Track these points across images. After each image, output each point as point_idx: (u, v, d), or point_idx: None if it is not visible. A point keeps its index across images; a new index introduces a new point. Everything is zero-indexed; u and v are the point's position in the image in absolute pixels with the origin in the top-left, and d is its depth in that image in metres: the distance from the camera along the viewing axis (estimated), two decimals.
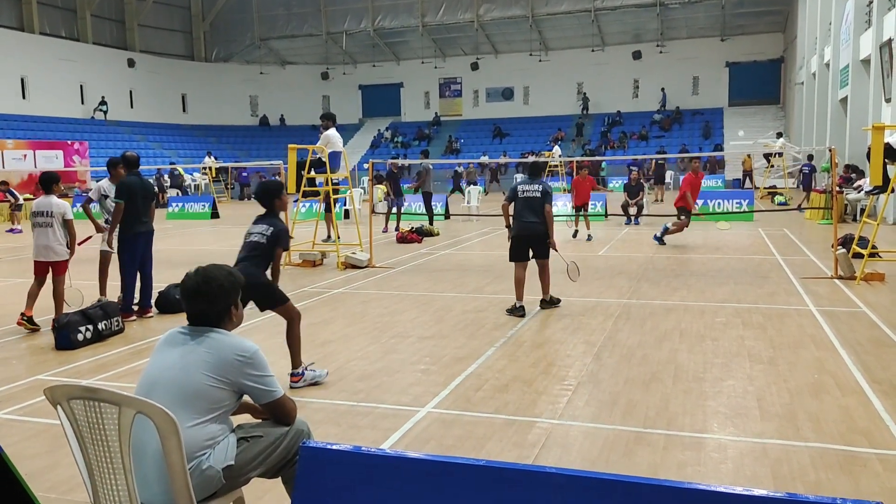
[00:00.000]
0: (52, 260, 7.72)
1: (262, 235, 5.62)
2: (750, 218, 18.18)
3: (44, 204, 7.72)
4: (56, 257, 7.72)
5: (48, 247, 7.68)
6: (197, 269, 3.05)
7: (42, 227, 7.68)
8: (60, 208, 7.72)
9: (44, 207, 7.70)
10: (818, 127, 25.98)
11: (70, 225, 7.76)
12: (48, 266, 7.77)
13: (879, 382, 5.41)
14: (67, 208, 7.82)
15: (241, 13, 44.84)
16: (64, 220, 7.72)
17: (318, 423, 4.81)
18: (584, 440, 4.51)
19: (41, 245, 7.70)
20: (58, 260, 7.74)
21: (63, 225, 7.73)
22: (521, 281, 8.09)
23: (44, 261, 7.73)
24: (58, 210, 7.69)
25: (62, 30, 37.25)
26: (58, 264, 7.78)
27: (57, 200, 7.77)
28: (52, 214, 7.66)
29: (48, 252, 7.70)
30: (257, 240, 5.62)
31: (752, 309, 8.08)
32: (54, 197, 7.79)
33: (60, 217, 7.69)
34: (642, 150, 36.39)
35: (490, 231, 17.14)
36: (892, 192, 9.74)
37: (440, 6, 41.30)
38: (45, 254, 7.70)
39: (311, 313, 8.39)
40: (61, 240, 7.72)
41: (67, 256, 7.82)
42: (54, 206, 7.70)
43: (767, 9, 37.51)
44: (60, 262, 7.77)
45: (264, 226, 5.67)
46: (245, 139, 44.34)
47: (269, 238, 5.59)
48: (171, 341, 3.00)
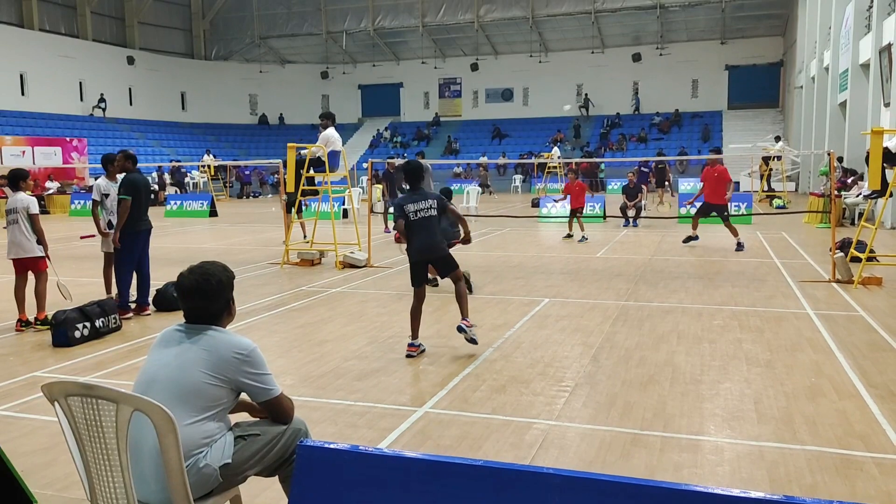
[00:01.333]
0: (21, 257, 7.64)
1: (431, 209, 6.22)
2: (748, 221, 18.20)
3: (11, 201, 7.66)
4: (25, 254, 7.62)
5: (17, 243, 7.61)
6: (191, 267, 3.04)
7: (11, 225, 7.62)
8: (24, 203, 7.62)
9: (12, 204, 7.64)
10: (817, 131, 26.01)
11: (35, 220, 7.63)
12: (24, 263, 7.70)
13: (876, 386, 5.42)
14: (32, 203, 7.68)
15: (241, 12, 44.80)
16: (28, 215, 7.61)
17: (316, 421, 4.81)
18: (581, 441, 4.52)
19: (11, 242, 7.65)
20: (30, 256, 7.64)
21: (28, 220, 7.62)
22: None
23: (17, 258, 7.66)
24: (21, 205, 7.60)
25: (62, 26, 37.20)
26: (32, 261, 7.68)
27: (22, 196, 7.67)
28: (17, 211, 7.60)
29: (18, 249, 7.62)
30: (431, 214, 6.20)
31: (749, 312, 8.09)
32: (21, 193, 7.69)
33: (25, 212, 7.60)
34: (641, 152, 36.42)
35: (489, 231, 17.15)
36: (890, 196, 9.75)
37: (440, 6, 41.30)
38: (15, 251, 7.64)
39: (308, 312, 8.40)
40: (29, 236, 7.61)
41: (39, 253, 7.68)
42: (19, 202, 7.62)
43: (767, 12, 37.56)
44: (34, 258, 7.67)
45: (428, 201, 6.25)
46: (244, 138, 44.31)
47: (438, 208, 6.27)
48: (168, 339, 3.00)
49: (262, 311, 8.46)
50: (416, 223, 6.21)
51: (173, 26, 44.20)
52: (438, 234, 6.27)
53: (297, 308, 8.66)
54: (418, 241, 6.25)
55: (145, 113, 40.47)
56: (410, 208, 6.21)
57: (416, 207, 6.22)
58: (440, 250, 6.30)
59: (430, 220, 6.22)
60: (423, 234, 6.21)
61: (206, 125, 43.94)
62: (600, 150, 37.81)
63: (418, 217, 6.21)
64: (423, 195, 6.31)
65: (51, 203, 27.42)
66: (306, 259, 12.07)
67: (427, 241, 6.22)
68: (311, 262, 12.03)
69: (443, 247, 6.34)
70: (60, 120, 34.98)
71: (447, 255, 6.33)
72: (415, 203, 6.23)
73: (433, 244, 6.25)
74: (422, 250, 6.28)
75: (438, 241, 6.28)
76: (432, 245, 6.25)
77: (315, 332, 7.40)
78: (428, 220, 6.21)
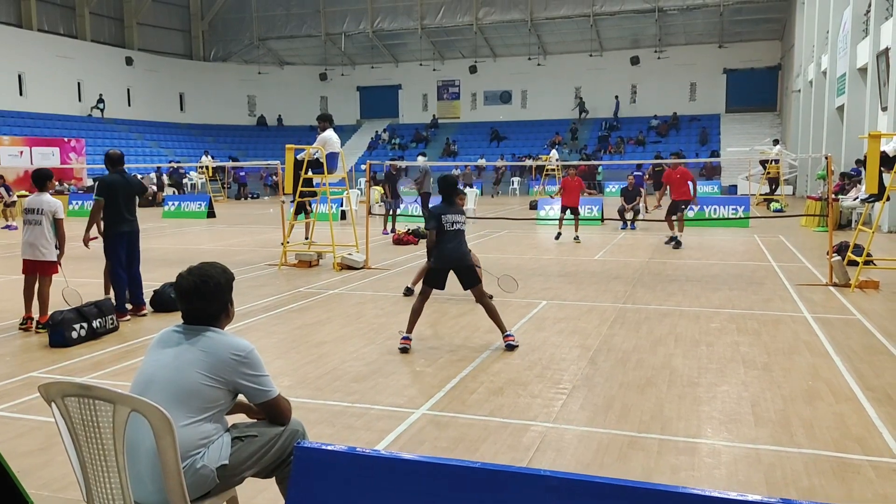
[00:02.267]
0: (37, 259, 7.52)
1: (463, 223, 6.78)
2: (746, 224, 18.23)
3: (35, 201, 7.55)
4: (42, 257, 7.51)
5: (34, 245, 7.48)
6: (190, 268, 3.05)
7: (31, 225, 7.51)
8: (51, 206, 7.53)
9: (35, 205, 7.52)
10: (815, 134, 26.06)
11: (60, 225, 7.55)
12: (35, 265, 7.58)
13: (873, 390, 5.43)
14: (59, 207, 7.61)
15: (240, 13, 44.82)
16: (54, 219, 7.53)
17: (313, 423, 4.80)
18: (578, 444, 4.52)
19: (28, 242, 7.51)
20: (44, 260, 7.53)
21: (53, 224, 7.53)
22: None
23: (30, 259, 7.55)
24: (48, 208, 7.51)
25: (60, 27, 37.19)
26: (44, 265, 7.56)
27: (48, 198, 7.58)
28: (42, 212, 7.49)
29: (34, 250, 7.49)
30: (461, 227, 6.74)
31: (746, 315, 8.10)
32: (46, 195, 7.59)
33: (51, 215, 7.51)
34: (639, 155, 36.48)
35: (487, 234, 17.15)
36: (887, 200, 9.77)
37: (439, 9, 41.35)
38: (31, 252, 7.51)
39: (306, 314, 8.39)
40: (49, 239, 7.51)
41: (54, 258, 7.59)
42: (45, 203, 7.51)
43: (765, 16, 37.65)
44: (47, 262, 7.56)
45: (460, 215, 6.80)
46: (242, 139, 44.31)
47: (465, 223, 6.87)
48: (166, 340, 3.00)
49: (260, 313, 8.45)
50: (451, 233, 6.71)
51: (172, 27, 44.21)
52: (466, 247, 6.82)
53: (294, 309, 8.66)
54: (448, 249, 6.68)
55: (143, 113, 40.45)
56: (448, 219, 6.70)
57: (452, 219, 6.72)
58: (467, 260, 6.77)
59: (460, 232, 6.78)
60: (453, 243, 6.70)
61: (205, 126, 43.93)
62: (598, 152, 37.85)
63: (454, 228, 6.71)
64: (459, 210, 6.89)
65: None
66: (304, 260, 12.07)
67: (457, 250, 6.71)
68: (309, 264, 12.03)
69: (469, 258, 6.84)
70: (58, 120, 34.95)
71: (471, 267, 6.78)
72: (452, 215, 6.76)
73: (462, 254, 6.74)
74: (450, 258, 6.68)
75: (466, 251, 6.79)
76: (462, 255, 6.73)
77: (313, 334, 7.39)
78: (460, 232, 6.76)
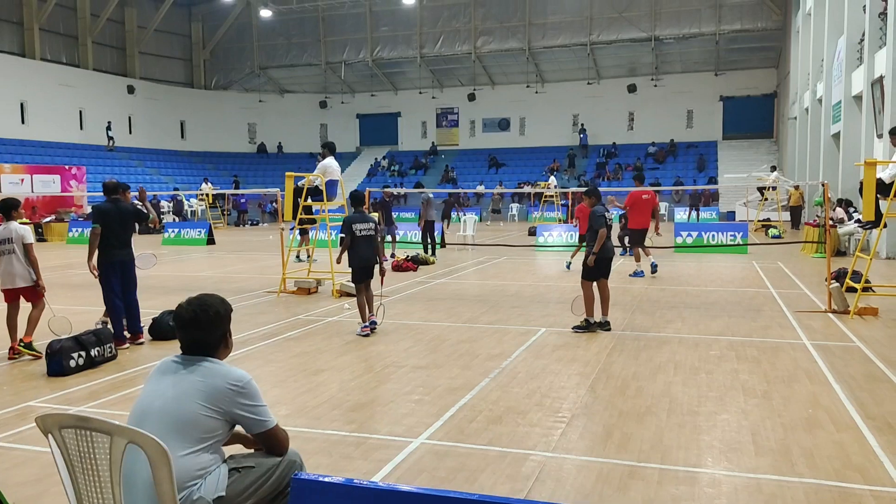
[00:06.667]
0: (17, 286, 7.66)
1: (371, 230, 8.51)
2: (744, 251, 18.26)
3: (4, 231, 7.66)
4: (22, 283, 7.65)
5: (11, 273, 7.62)
6: (189, 299, 3.08)
7: (4, 255, 7.62)
8: (20, 233, 7.64)
9: (4, 235, 7.63)
10: (811, 161, 26.21)
11: (30, 249, 7.65)
12: (17, 293, 7.72)
13: (873, 418, 5.41)
14: (27, 232, 7.72)
15: (241, 42, 45.34)
16: (24, 245, 7.63)
17: (310, 453, 4.77)
18: (577, 473, 4.49)
19: (5, 272, 7.64)
20: (24, 286, 7.67)
21: (23, 250, 7.63)
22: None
23: (10, 288, 7.68)
24: (16, 236, 7.63)
25: (63, 56, 37.56)
26: (27, 291, 7.71)
27: (16, 226, 7.70)
28: (12, 241, 7.60)
29: (13, 279, 7.64)
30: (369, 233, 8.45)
31: (746, 342, 8.08)
32: (14, 223, 7.72)
33: (20, 242, 7.62)
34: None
35: (486, 260, 17.17)
36: (884, 226, 9.81)
37: (438, 38, 41.83)
38: (11, 280, 7.65)
39: (304, 341, 8.37)
40: (25, 265, 7.64)
41: (33, 283, 7.69)
42: (13, 232, 7.64)
43: (760, 45, 38.09)
44: (28, 288, 7.69)
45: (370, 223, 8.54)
46: (243, 166, 44.52)
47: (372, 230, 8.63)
48: (164, 370, 3.01)
49: (259, 340, 8.43)
50: (360, 238, 8.52)
51: (174, 56, 44.67)
52: (372, 250, 8.66)
53: (293, 337, 8.64)
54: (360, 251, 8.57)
55: (144, 141, 40.71)
56: (358, 227, 8.50)
57: (361, 227, 8.51)
58: (372, 261, 8.70)
59: (370, 237, 8.56)
60: (363, 246, 8.57)
61: (205, 153, 44.18)
62: (596, 179, 38.01)
63: (362, 234, 8.49)
64: (369, 219, 8.64)
65: (48, 231, 27.43)
66: (303, 287, 12.07)
67: (366, 252, 8.61)
68: (308, 291, 12.03)
69: (374, 259, 8.70)
70: (60, 148, 35.17)
71: (372, 267, 8.69)
72: (361, 224, 8.56)
73: (369, 256, 8.65)
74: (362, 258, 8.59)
75: (371, 255, 8.65)
76: (369, 257, 8.65)
77: (311, 362, 7.37)
78: (369, 237, 8.55)
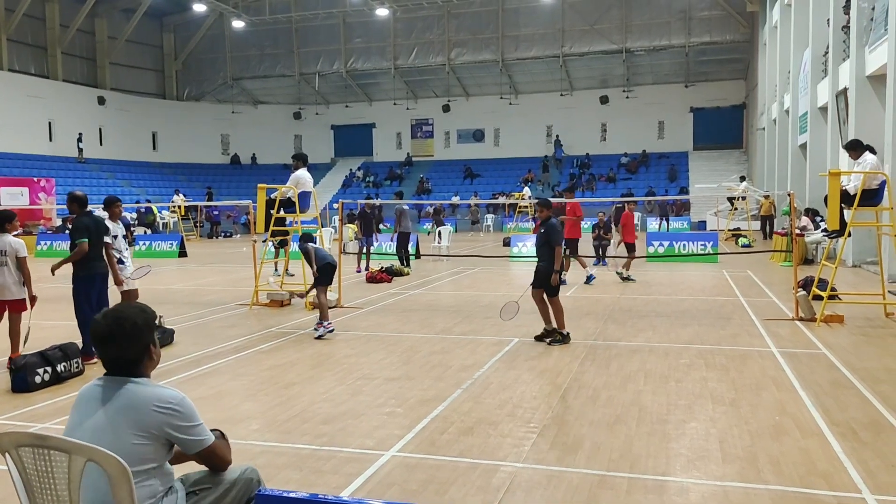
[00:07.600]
0: (6, 298, 7.59)
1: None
2: (714, 260, 18.50)
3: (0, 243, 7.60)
4: (11, 296, 7.60)
5: (3, 285, 7.55)
6: (105, 311, 2.88)
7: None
8: (14, 246, 7.60)
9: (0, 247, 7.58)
10: (779, 171, 26.68)
11: (23, 263, 7.62)
12: (4, 305, 7.65)
13: (838, 424, 5.50)
14: (21, 245, 7.68)
15: (214, 53, 45.10)
16: (17, 258, 7.58)
17: (280, 467, 4.73)
18: (547, 484, 4.50)
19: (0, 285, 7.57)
20: (12, 299, 7.62)
21: (16, 263, 7.58)
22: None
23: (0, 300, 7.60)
24: (11, 249, 7.57)
25: (32, 66, 37.06)
26: (13, 303, 7.65)
27: (11, 238, 7.65)
28: (6, 253, 7.54)
29: (3, 291, 7.57)
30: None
31: (715, 350, 8.18)
32: (9, 235, 7.67)
33: (14, 255, 7.56)
34: (610, 192, 37.01)
35: (461, 271, 17.19)
36: (849, 235, 10.00)
37: (412, 50, 42.00)
38: (1, 293, 7.58)
39: (276, 354, 8.31)
40: (17, 278, 7.60)
41: (23, 295, 7.67)
42: (7, 244, 7.58)
43: (729, 57, 38.80)
44: (16, 300, 7.64)
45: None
46: (216, 177, 44.17)
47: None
48: (89, 397, 2.82)
49: (229, 354, 8.34)
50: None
51: (145, 67, 44.27)
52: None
53: (265, 350, 8.57)
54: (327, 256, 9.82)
55: (115, 153, 40.25)
56: None
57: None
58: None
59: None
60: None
61: (177, 165, 43.77)
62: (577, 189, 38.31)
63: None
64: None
65: None
66: (276, 300, 11.99)
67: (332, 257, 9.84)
68: (281, 303, 11.95)
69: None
70: (28, 160, 34.61)
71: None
72: None
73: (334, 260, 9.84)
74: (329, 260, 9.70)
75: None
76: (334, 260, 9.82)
77: (282, 375, 7.31)
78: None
